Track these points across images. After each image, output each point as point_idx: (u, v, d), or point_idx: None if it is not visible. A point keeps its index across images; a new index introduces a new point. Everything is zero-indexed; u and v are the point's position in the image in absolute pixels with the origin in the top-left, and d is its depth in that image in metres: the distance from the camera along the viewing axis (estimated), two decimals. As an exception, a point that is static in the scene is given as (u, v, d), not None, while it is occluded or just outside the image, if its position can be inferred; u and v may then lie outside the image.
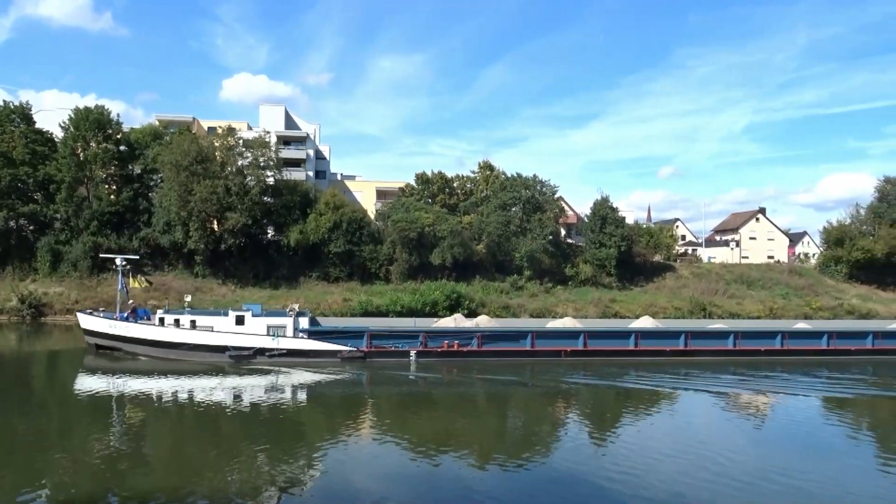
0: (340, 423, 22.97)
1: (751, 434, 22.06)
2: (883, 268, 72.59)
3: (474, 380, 32.30)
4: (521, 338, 37.78)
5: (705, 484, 15.86)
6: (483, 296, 60.02)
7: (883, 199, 79.19)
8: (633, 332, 39.09)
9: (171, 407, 24.80)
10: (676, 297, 65.06)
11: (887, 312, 65.42)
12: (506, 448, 19.70)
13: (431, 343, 36.52)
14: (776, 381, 32.21)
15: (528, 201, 68.07)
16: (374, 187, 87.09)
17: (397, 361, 35.24)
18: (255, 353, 34.82)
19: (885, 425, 24.64)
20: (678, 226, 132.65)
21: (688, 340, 38.60)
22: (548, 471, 17.14)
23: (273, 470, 16.80)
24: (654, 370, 34.16)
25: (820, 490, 15.72)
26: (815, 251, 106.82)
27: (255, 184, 60.94)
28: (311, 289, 59.59)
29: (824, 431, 22.57)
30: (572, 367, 35.17)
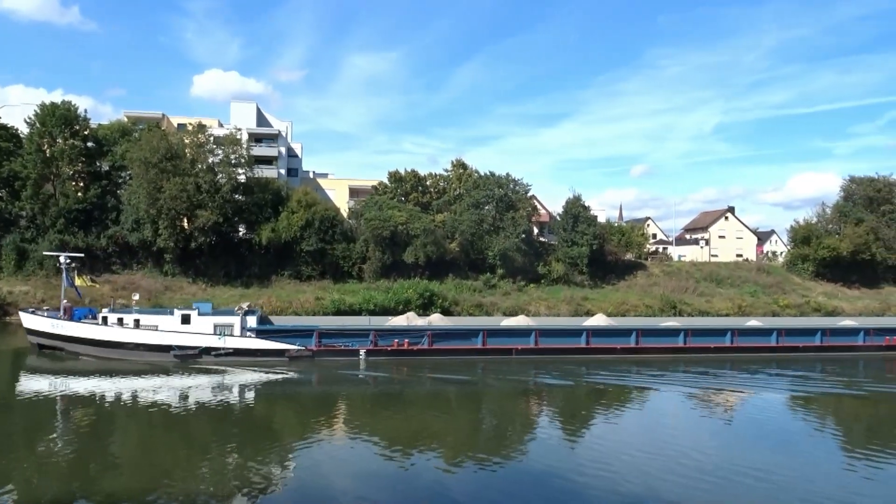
0: (300, 423, 22.90)
1: (700, 428, 22.48)
2: (848, 266, 73.96)
3: (423, 379, 32.18)
4: (473, 336, 37.88)
5: (657, 478, 16.03)
6: (456, 294, 60.06)
7: (848, 199, 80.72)
8: (585, 330, 39.30)
9: (120, 408, 24.45)
10: (647, 295, 65.68)
11: (852, 309, 66.70)
12: (478, 446, 19.74)
13: (382, 342, 36.38)
14: (724, 379, 32.71)
15: (501, 200, 68.24)
16: (346, 185, 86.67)
17: (347, 360, 34.98)
18: (201, 353, 34.33)
19: (831, 420, 25.12)
20: (649, 224, 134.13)
21: (639, 338, 38.95)
22: (517, 468, 17.21)
23: (244, 471, 16.65)
24: (605, 368, 34.44)
25: (764, 481, 15.97)
26: (782, 249, 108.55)
27: (226, 181, 60.32)
28: (283, 287, 59.14)
29: (773, 426, 23.03)
30: (523, 365, 35.27)
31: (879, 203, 77.34)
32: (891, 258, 74.00)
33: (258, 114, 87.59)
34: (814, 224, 79.64)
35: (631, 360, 37.42)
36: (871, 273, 75.11)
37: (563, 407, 26.55)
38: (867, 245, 73.04)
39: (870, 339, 42.01)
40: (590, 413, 25.11)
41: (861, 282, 74.61)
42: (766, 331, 42.00)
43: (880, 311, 67.42)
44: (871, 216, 76.07)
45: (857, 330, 42.99)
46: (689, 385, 30.86)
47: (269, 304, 54.47)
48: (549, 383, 31.30)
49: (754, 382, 31.77)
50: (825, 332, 41.94)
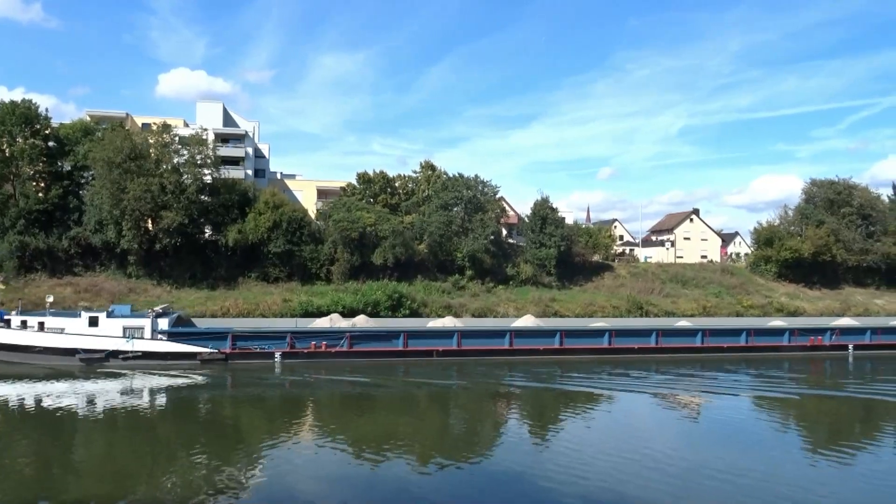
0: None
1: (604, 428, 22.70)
2: (810, 267, 75.42)
3: (331, 381, 31.49)
4: (394, 338, 37.68)
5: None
6: (425, 296, 60.03)
7: (809, 201, 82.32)
8: (508, 331, 39.28)
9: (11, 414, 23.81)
10: (614, 296, 66.29)
11: (813, 310, 68.08)
12: (446, 448, 19.73)
13: (299, 344, 35.88)
14: (645, 380, 32.73)
15: (470, 201, 68.40)
16: (314, 186, 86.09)
17: (262, 363, 34.36)
18: (108, 356, 33.59)
19: (759, 421, 25.50)
20: (616, 226, 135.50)
21: (563, 339, 38.98)
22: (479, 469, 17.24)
23: (209, 475, 16.44)
24: (528, 369, 34.40)
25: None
26: (746, 251, 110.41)
27: (192, 182, 59.53)
28: (249, 289, 58.54)
29: (695, 425, 23.37)
30: (445, 366, 35.10)
31: (840, 205, 78.99)
32: (851, 259, 75.59)
33: (225, 114, 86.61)
34: (776, 226, 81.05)
35: (555, 360, 37.31)
36: (832, 274, 76.69)
37: (477, 409, 26.64)
38: (828, 247, 74.53)
39: (795, 339, 42.49)
40: (506, 416, 25.32)
41: (822, 283, 76.15)
42: (691, 331, 42.42)
43: (840, 311, 68.80)
44: (832, 218, 77.67)
45: (783, 330, 43.54)
46: (607, 386, 30.74)
47: (236, 307, 53.93)
48: (449, 385, 30.85)
49: (672, 384, 31.76)
50: (750, 332, 42.37)
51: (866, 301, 73.19)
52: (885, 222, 78.92)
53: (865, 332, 44.49)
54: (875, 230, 77.78)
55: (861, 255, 75.60)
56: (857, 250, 75.58)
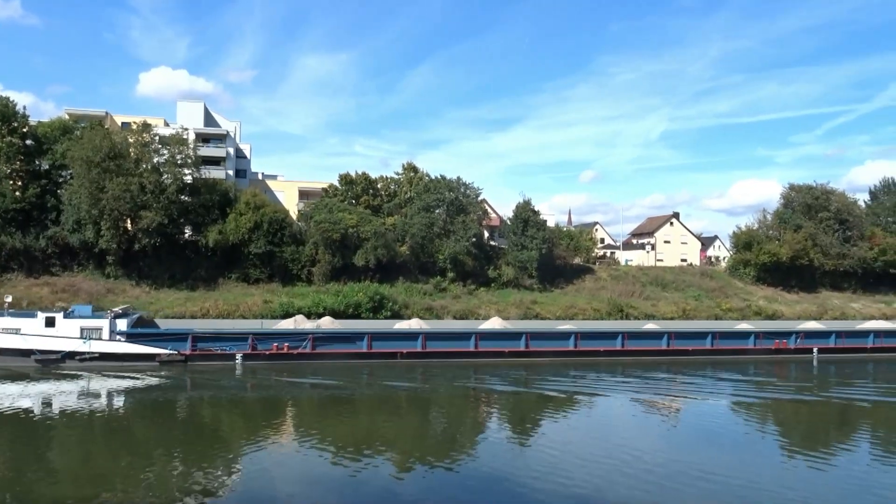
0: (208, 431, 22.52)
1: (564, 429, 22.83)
2: (787, 270, 76.22)
3: (291, 384, 31.04)
4: (358, 339, 37.45)
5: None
6: (406, 297, 59.98)
7: (788, 206, 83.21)
8: (473, 333, 39.24)
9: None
10: (595, 298, 66.59)
11: (791, 313, 68.80)
12: (427, 451, 19.72)
13: (261, 346, 35.44)
14: (601, 382, 32.85)
15: (452, 203, 68.45)
16: (296, 187, 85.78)
17: (222, 365, 33.87)
18: (65, 357, 33.06)
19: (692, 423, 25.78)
20: (597, 229, 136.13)
21: (528, 342, 38.95)
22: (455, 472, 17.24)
23: (187, 478, 16.30)
24: (493, 371, 34.36)
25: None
26: (725, 254, 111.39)
27: (172, 182, 59.04)
28: (230, 290, 58.17)
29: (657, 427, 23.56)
30: (409, 369, 34.89)
31: (817, 210, 79.89)
32: (828, 264, 76.47)
33: (206, 113, 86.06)
34: (755, 230, 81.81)
35: (520, 363, 37.26)
36: (810, 278, 77.56)
37: (452, 411, 26.66)
38: (805, 251, 75.38)
39: (760, 342, 42.88)
40: (481, 418, 25.31)
41: (800, 286, 76.98)
42: (657, 334, 42.62)
43: (818, 314, 69.64)
44: (810, 223, 78.54)
45: (748, 334, 43.95)
46: (572, 389, 30.77)
47: (216, 308, 53.58)
48: (405, 387, 30.58)
49: (638, 386, 31.83)
50: (715, 335, 42.65)
51: (843, 305, 74.10)
52: (861, 227, 79.95)
53: (830, 336, 45.02)
54: (851, 235, 78.77)
55: (838, 260, 76.52)
56: (833, 255, 76.48)
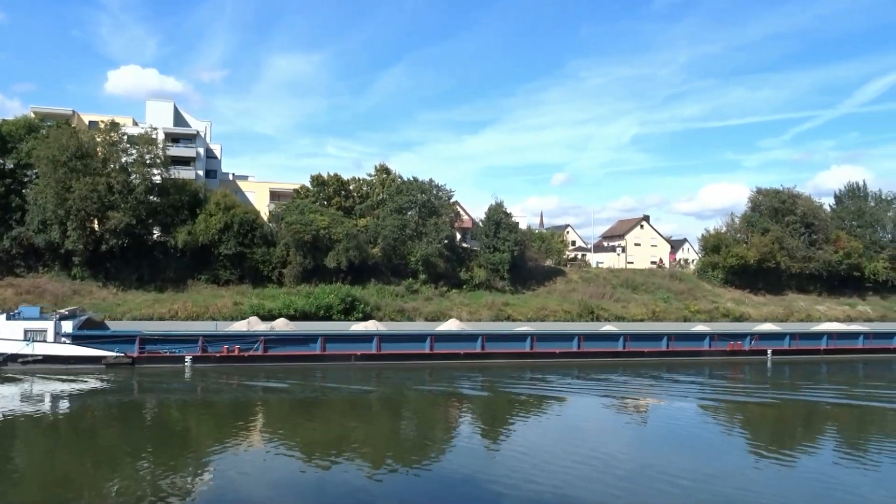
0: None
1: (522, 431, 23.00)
2: (755, 273, 77.35)
3: (241, 387, 30.58)
4: (311, 342, 36.79)
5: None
6: (378, 299, 59.83)
7: (755, 209, 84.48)
8: (429, 335, 38.85)
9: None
10: (566, 300, 67.01)
11: (758, 315, 69.83)
12: (396, 452, 19.68)
13: (211, 348, 34.70)
14: (550, 385, 32.51)
15: (424, 205, 68.43)
16: (267, 188, 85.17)
17: (171, 368, 33.11)
18: (6, 360, 32.27)
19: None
20: (569, 231, 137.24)
21: (484, 343, 38.61)
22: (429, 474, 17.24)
23: (157, 482, 16.09)
24: (448, 373, 34.12)
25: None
26: (694, 257, 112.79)
27: (141, 182, 58.27)
28: (199, 292, 57.54)
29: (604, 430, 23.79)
30: (363, 371, 34.59)
31: (784, 214, 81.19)
32: (794, 266, 77.75)
33: (175, 113, 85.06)
34: (723, 233, 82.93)
35: (476, 365, 37.01)
36: (776, 280, 78.79)
37: (424, 413, 26.64)
38: (772, 254, 76.58)
39: (715, 344, 42.90)
40: (449, 419, 25.33)
41: (766, 288, 78.18)
42: (613, 336, 42.44)
43: (784, 316, 70.81)
44: (777, 226, 79.78)
45: (704, 335, 44.00)
46: (527, 391, 30.60)
47: (185, 310, 52.99)
48: (365, 389, 30.37)
49: (587, 388, 31.82)
50: (671, 337, 42.63)
51: (808, 307, 75.40)
52: (826, 231, 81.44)
53: (784, 338, 45.24)
54: (817, 238, 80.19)
55: (804, 263, 77.85)
56: (800, 258, 77.79)
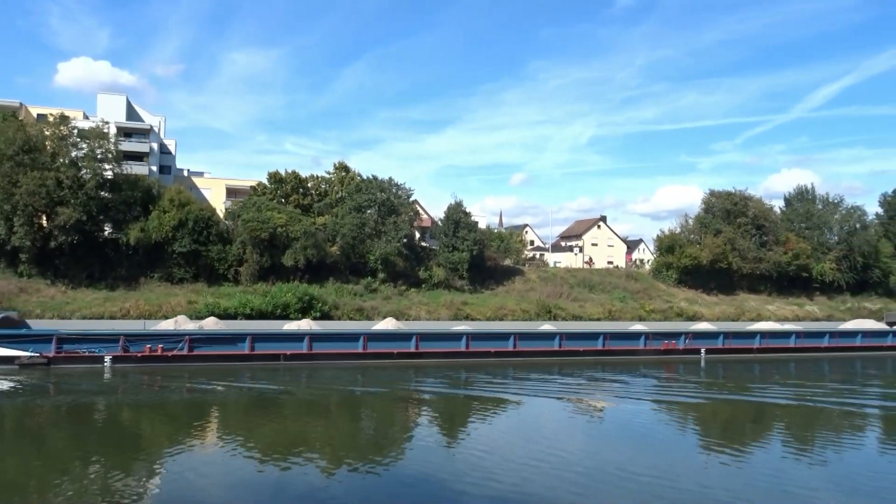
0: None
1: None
2: (707, 273, 78.89)
3: (160, 388, 29.43)
4: (239, 341, 35.65)
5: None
6: (336, 298, 59.38)
7: (708, 211, 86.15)
8: (362, 334, 38.15)
9: None
10: (524, 300, 67.42)
11: (711, 314, 71.24)
12: (356, 452, 19.50)
13: (133, 347, 33.42)
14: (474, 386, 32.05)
15: (384, 204, 68.13)
16: (223, 185, 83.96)
17: (89, 368, 31.82)
18: None
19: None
20: (527, 231, 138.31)
21: (419, 342, 38.01)
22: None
23: (106, 484, 15.63)
24: (381, 373, 33.63)
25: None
26: (649, 257, 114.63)
27: (91, 177, 56.79)
28: (152, 290, 56.33)
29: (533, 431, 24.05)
30: (293, 371, 33.70)
31: (735, 215, 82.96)
32: (745, 267, 79.50)
33: (128, 107, 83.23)
34: (677, 234, 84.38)
35: (410, 364, 36.51)
36: (728, 281, 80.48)
37: (383, 413, 26.53)
38: (724, 254, 78.20)
39: (650, 343, 42.80)
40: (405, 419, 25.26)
41: (719, 289, 79.80)
42: (549, 335, 42.20)
43: (735, 315, 72.38)
44: (729, 228, 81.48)
45: (639, 334, 43.98)
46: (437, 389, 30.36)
47: (137, 308, 51.84)
48: (270, 390, 29.43)
49: (521, 388, 31.19)
50: (606, 336, 42.50)
51: (759, 307, 77.19)
52: (776, 232, 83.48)
53: (718, 337, 45.47)
54: (767, 240, 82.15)
55: (755, 264, 79.67)
56: (751, 258, 79.57)
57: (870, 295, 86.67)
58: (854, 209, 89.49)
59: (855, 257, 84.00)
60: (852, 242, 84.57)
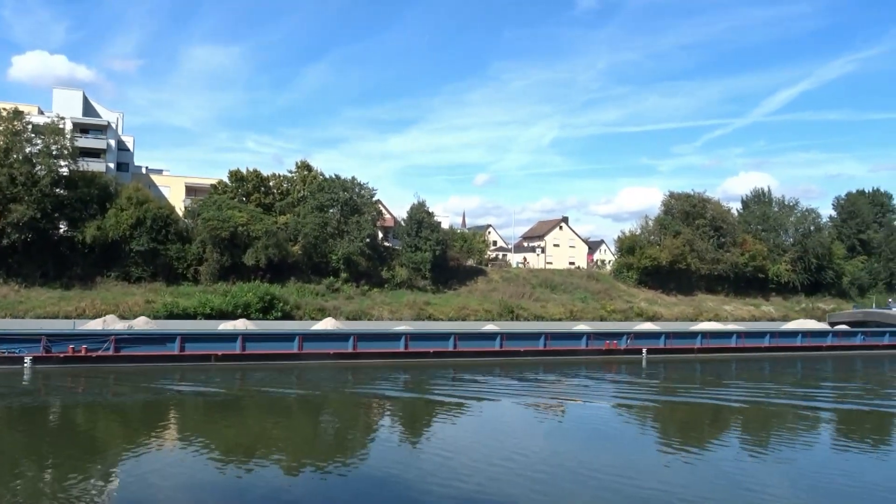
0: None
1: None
2: (667, 274, 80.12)
3: (84, 390, 28.59)
4: (169, 341, 34.52)
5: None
6: (298, 298, 58.95)
7: (668, 212, 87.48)
8: (297, 334, 37.28)
9: None
10: (487, 300, 67.69)
11: (670, 314, 72.37)
12: (317, 454, 19.38)
13: (56, 348, 32.23)
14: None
15: (346, 203, 67.81)
16: (183, 183, 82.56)
17: (7, 369, 30.62)
18: None
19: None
20: (490, 232, 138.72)
21: (356, 343, 37.27)
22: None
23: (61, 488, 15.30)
24: (319, 373, 33.18)
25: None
26: (610, 258, 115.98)
27: (46, 174, 55.50)
28: (108, 289, 55.29)
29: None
30: (224, 372, 32.84)
31: (694, 217, 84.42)
32: (703, 268, 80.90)
33: (85, 102, 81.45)
34: (638, 235, 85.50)
35: (347, 365, 35.93)
36: (687, 281, 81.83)
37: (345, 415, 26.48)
38: (683, 255, 79.48)
39: (591, 343, 42.44)
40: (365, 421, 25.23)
41: (678, 289, 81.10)
42: (491, 335, 41.93)
43: (694, 315, 73.57)
44: (688, 229, 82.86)
45: (581, 335, 43.75)
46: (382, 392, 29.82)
47: (93, 307, 50.84)
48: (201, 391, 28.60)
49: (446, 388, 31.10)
50: (548, 336, 42.20)
51: (716, 307, 78.61)
52: (734, 234, 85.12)
53: (660, 337, 45.36)
54: (725, 241, 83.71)
55: (712, 265, 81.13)
56: (709, 259, 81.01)
57: (824, 296, 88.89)
58: (809, 212, 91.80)
59: (809, 259, 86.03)
60: (807, 244, 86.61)
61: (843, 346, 50.41)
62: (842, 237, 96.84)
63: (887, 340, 51.81)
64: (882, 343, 51.58)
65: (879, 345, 51.32)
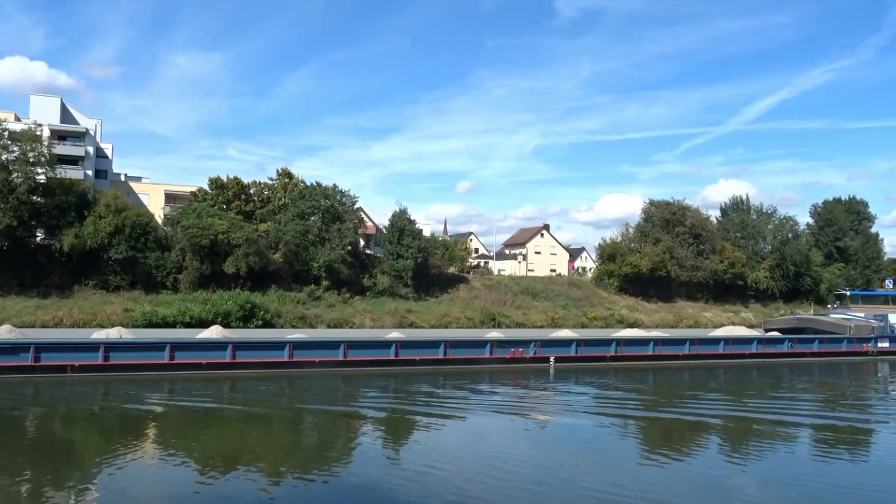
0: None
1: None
2: (647, 281, 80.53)
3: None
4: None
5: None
6: (279, 306, 58.61)
7: (648, 220, 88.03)
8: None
9: None
10: (469, 307, 67.64)
11: (650, 321, 72.69)
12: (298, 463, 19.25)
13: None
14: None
15: (328, 211, 67.60)
16: (162, 190, 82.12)
17: None
18: None
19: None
20: (472, 239, 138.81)
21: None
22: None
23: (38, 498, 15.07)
24: (253, 384, 32.12)
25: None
26: (591, 265, 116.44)
27: (23, 181, 54.89)
28: (87, 298, 54.65)
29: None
30: (153, 383, 31.70)
31: (674, 225, 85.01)
32: (683, 275, 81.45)
33: (63, 109, 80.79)
34: (619, 242, 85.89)
35: (282, 374, 34.90)
36: (667, 288, 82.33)
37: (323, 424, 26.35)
38: (664, 263, 79.95)
39: (495, 351, 40.67)
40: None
41: (658, 296, 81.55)
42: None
43: (674, 322, 74.03)
44: (668, 237, 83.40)
45: (484, 342, 41.81)
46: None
47: (71, 317, 50.27)
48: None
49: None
50: (447, 344, 40.17)
51: (696, 314, 79.13)
52: (713, 241, 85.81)
53: (571, 345, 43.01)
54: (704, 248, 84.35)
55: (692, 272, 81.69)
56: (688, 267, 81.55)
57: (801, 302, 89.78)
58: (787, 219, 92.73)
59: (787, 266, 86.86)
60: (785, 251, 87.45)
61: (769, 353, 48.06)
62: (819, 244, 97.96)
63: (816, 348, 49.90)
64: (810, 350, 49.46)
65: (807, 352, 49.15)
